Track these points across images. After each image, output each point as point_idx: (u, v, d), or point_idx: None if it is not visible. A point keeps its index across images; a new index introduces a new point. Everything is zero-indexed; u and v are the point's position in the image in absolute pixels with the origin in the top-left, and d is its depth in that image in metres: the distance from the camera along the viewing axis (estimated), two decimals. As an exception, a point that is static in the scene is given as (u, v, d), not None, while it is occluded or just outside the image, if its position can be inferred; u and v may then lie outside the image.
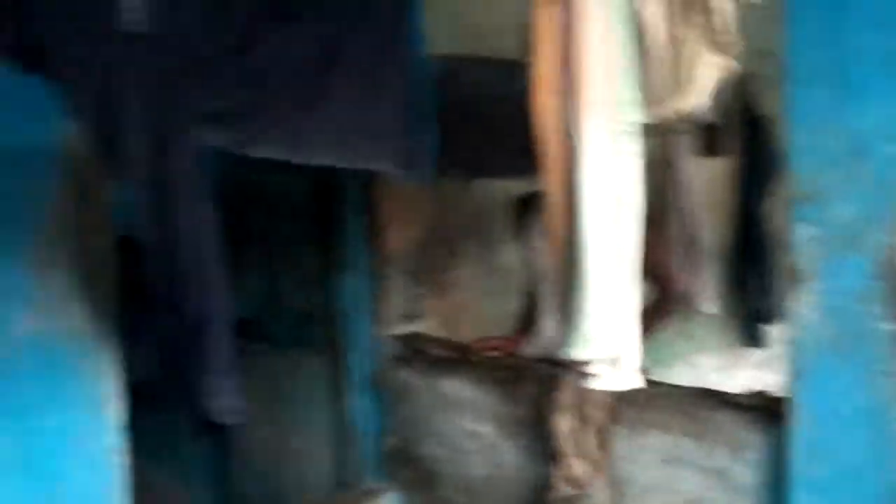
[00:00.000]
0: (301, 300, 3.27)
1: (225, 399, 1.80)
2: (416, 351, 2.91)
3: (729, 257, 3.98)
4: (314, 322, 3.17)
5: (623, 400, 2.19)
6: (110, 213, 2.26)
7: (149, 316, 2.66)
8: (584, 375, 2.02)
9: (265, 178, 3.30)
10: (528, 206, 2.77)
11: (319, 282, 3.15)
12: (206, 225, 1.90)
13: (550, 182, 1.98)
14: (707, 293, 3.79)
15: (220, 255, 1.94)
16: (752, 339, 3.84)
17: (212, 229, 1.91)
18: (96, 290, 2.21)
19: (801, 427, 1.78)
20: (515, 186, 2.96)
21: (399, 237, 2.98)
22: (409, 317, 3.01)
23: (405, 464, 2.86)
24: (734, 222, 4.00)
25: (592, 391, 2.16)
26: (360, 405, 3.02)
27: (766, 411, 1.93)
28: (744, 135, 4.00)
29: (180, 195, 1.87)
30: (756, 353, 3.83)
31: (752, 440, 1.92)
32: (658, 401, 2.18)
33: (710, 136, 3.95)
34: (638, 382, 2.10)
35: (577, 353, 1.92)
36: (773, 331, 3.95)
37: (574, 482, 2.22)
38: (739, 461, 1.94)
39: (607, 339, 1.97)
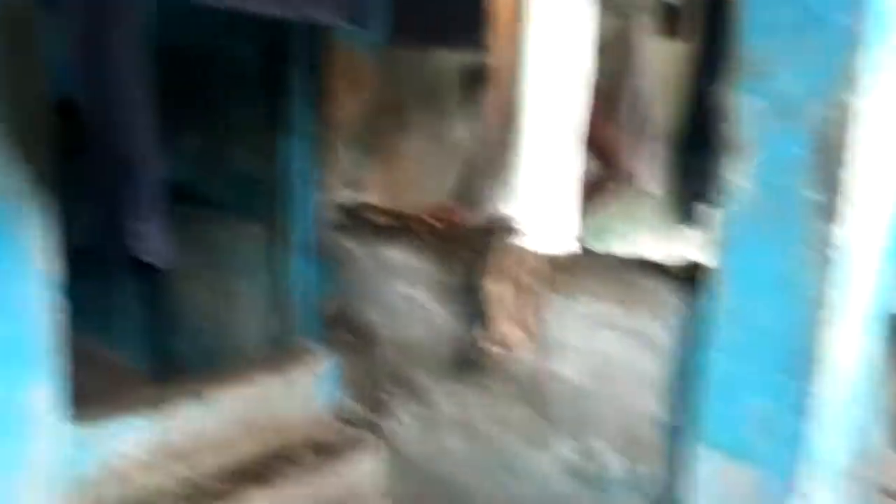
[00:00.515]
0: (243, 164, 3.22)
1: (153, 242, 1.79)
2: (357, 219, 2.91)
3: (677, 139, 4.01)
4: (256, 187, 3.14)
5: (555, 266, 2.23)
6: (44, 65, 2.16)
7: (86, 170, 2.61)
8: (519, 234, 2.05)
9: (212, 41, 3.19)
10: (477, 78, 2.73)
11: (263, 146, 3.10)
12: (136, 71, 1.85)
13: (499, 44, 1.95)
14: (652, 173, 3.85)
15: (149, 104, 1.89)
16: (690, 217, 3.92)
17: (142, 76, 1.86)
18: (31, 146, 2.12)
19: (723, 293, 1.84)
20: (467, 58, 2.91)
21: (347, 104, 2.93)
22: (353, 185, 2.99)
23: (343, 327, 2.91)
24: (686, 105, 4.00)
25: (525, 257, 2.20)
26: (298, 270, 3.03)
27: (690, 279, 1.98)
28: (705, 17, 3.95)
29: (115, 41, 1.81)
30: (692, 232, 3.91)
31: (674, 305, 1.99)
32: (589, 268, 2.23)
33: (670, 17, 3.91)
34: (572, 247, 2.14)
35: (513, 211, 1.94)
36: (710, 210, 4.03)
37: (503, 344, 2.28)
38: (659, 324, 2.01)
39: (544, 201, 2.00)
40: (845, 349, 1.79)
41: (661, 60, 3.80)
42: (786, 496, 1.81)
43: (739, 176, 1.76)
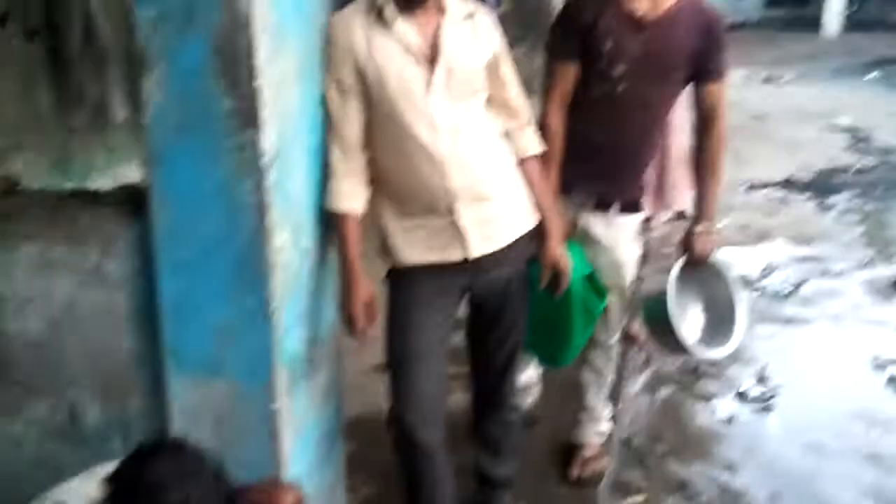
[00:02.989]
0: None
1: None
2: None
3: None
4: None
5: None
6: None
7: None
8: None
9: None
10: None
11: None
12: None
13: None
14: (117, 97, 3.61)
15: None
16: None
17: None
18: None
19: (162, 212, 1.79)
20: None
21: None
22: None
23: None
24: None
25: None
26: None
27: (131, 203, 1.89)
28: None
29: None
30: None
31: (121, 233, 1.89)
32: (28, 210, 2.01)
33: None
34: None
35: None
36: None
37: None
38: (110, 257, 1.90)
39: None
40: (290, 247, 1.88)
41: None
42: (261, 400, 1.88)
43: (151, 89, 1.70)
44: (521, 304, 2.18)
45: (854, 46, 12.97)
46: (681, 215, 3.64)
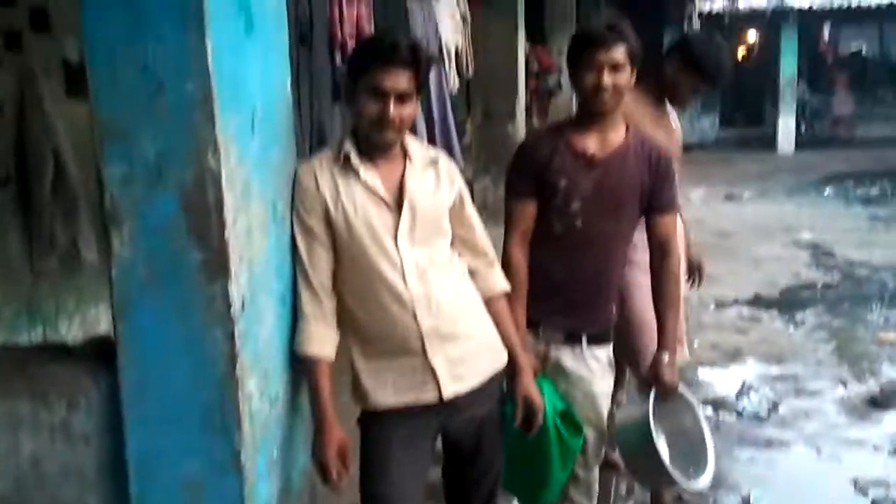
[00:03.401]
0: None
1: None
2: None
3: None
4: None
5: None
6: None
7: None
8: None
9: None
10: None
11: None
12: None
13: None
14: (87, 240, 3.64)
15: None
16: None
17: None
18: None
19: (129, 366, 1.77)
20: None
21: None
22: None
23: None
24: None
25: None
26: None
27: (99, 357, 1.87)
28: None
29: None
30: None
31: (88, 388, 1.86)
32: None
33: (75, 77, 3.75)
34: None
35: None
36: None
37: None
38: (76, 411, 1.86)
39: None
40: (260, 395, 1.86)
41: (71, 122, 3.62)
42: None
43: (119, 244, 1.71)
44: (497, 443, 2.16)
45: (807, 164, 13.52)
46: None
